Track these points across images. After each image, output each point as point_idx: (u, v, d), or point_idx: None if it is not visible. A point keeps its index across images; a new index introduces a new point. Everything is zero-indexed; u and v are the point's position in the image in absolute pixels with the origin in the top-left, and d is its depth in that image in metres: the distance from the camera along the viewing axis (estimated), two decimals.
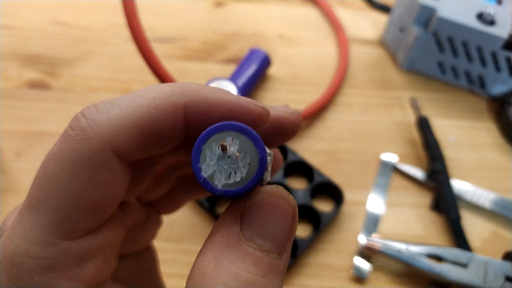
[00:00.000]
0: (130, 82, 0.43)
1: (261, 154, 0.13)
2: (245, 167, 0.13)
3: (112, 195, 0.14)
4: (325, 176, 0.36)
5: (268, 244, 0.13)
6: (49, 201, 0.13)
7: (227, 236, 0.13)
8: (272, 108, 0.17)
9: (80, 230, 0.13)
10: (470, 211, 0.36)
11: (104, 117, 0.13)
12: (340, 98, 0.43)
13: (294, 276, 0.32)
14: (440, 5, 0.41)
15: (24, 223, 0.13)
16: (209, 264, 0.13)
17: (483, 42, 0.41)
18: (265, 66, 0.43)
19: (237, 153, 0.13)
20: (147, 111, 0.13)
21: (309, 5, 0.52)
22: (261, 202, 0.13)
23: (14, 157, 0.37)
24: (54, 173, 0.13)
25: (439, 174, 0.36)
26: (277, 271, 0.13)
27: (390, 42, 0.47)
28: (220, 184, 0.13)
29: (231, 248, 0.13)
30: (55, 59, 0.44)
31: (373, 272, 0.33)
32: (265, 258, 0.13)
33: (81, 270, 0.13)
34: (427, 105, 0.43)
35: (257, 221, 0.13)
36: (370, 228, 0.35)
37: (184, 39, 0.47)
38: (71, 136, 0.13)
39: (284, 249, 0.13)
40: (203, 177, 0.13)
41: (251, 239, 0.13)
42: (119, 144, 0.13)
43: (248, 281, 0.12)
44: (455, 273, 0.30)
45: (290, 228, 0.13)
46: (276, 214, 0.13)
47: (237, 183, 0.13)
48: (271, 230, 0.13)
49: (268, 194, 0.13)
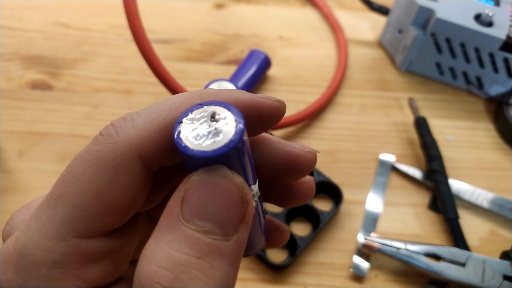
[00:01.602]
0: (132, 82, 0.43)
1: (232, 140, 0.13)
2: (212, 139, 0.13)
3: (131, 199, 0.14)
4: (324, 175, 0.36)
5: (208, 225, 0.12)
6: (68, 198, 0.13)
7: (167, 217, 0.13)
8: (289, 144, 0.17)
9: (94, 230, 0.14)
10: (468, 210, 0.36)
11: (130, 124, 0.14)
12: (339, 99, 0.44)
13: (293, 275, 0.32)
14: (438, 7, 0.42)
15: (41, 217, 0.13)
16: (149, 246, 0.13)
17: (481, 43, 0.41)
18: (265, 67, 0.43)
19: (217, 127, 0.13)
20: (169, 114, 0.14)
21: (309, 7, 0.52)
22: (200, 182, 0.13)
23: (16, 157, 0.37)
24: (78, 172, 0.14)
25: (437, 174, 0.36)
26: (220, 254, 0.12)
27: (388, 43, 0.48)
28: (183, 135, 0.13)
29: (170, 230, 0.12)
30: (57, 60, 0.45)
31: (371, 271, 0.33)
32: (204, 239, 0.12)
33: (87, 270, 0.14)
34: (425, 105, 0.43)
35: (196, 201, 0.13)
36: (369, 227, 0.35)
37: (185, 40, 0.47)
38: (99, 140, 0.14)
39: (231, 231, 0.13)
40: (180, 121, 0.13)
41: (190, 220, 0.12)
42: (143, 148, 0.14)
43: (181, 261, 0.12)
44: (453, 272, 0.31)
45: (239, 210, 0.13)
46: (217, 194, 0.13)
47: (193, 145, 0.13)
48: (212, 211, 0.13)
49: (208, 174, 0.13)
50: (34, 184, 0.36)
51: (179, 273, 0.12)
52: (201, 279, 0.12)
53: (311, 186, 0.19)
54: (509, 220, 0.36)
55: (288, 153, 0.16)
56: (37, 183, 0.36)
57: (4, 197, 0.35)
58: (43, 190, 0.35)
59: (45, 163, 0.37)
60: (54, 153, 0.38)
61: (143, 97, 0.42)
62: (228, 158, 0.13)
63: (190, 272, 0.12)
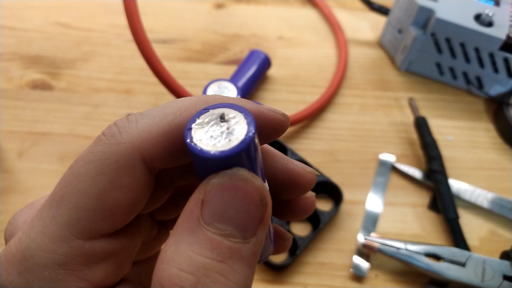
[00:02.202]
0: (132, 82, 0.43)
1: (246, 138, 0.13)
2: (225, 139, 0.13)
3: (133, 200, 0.14)
4: (324, 175, 0.36)
5: (229, 228, 0.13)
6: (71, 199, 0.13)
7: (187, 220, 0.13)
8: (292, 161, 0.17)
9: (96, 231, 0.14)
10: (468, 210, 0.36)
11: (133, 125, 0.14)
12: (339, 99, 0.44)
13: (293, 275, 0.32)
14: (438, 7, 0.42)
15: (44, 218, 0.14)
16: (169, 248, 0.13)
17: (481, 43, 0.41)
18: (265, 67, 0.43)
19: (229, 127, 0.13)
20: (174, 118, 0.14)
21: (309, 7, 0.52)
22: (221, 185, 0.13)
23: (16, 157, 0.37)
24: (80, 172, 0.14)
25: (437, 174, 0.36)
26: (240, 256, 0.13)
27: (388, 43, 0.48)
28: (196, 138, 0.13)
29: (190, 232, 0.13)
30: (57, 60, 0.45)
31: (371, 271, 0.33)
32: (225, 242, 0.12)
33: (90, 271, 0.14)
34: (425, 105, 0.43)
35: (217, 205, 0.13)
36: (369, 227, 0.35)
37: (185, 40, 0.47)
38: (102, 140, 0.14)
39: (251, 234, 0.13)
40: (190, 126, 0.13)
41: (210, 223, 0.13)
42: (146, 150, 0.14)
43: (203, 265, 0.12)
44: (453, 272, 0.31)
45: (258, 212, 0.13)
46: (238, 197, 0.13)
47: (208, 146, 0.13)
48: (233, 214, 0.13)
49: (229, 177, 0.13)
50: (34, 184, 0.36)
51: (202, 276, 0.12)
52: (223, 282, 0.12)
53: (311, 202, 0.19)
54: (509, 220, 0.36)
55: (289, 170, 0.17)
56: (37, 183, 0.36)
57: (4, 197, 0.35)
58: (43, 190, 0.35)
59: (45, 163, 0.37)
60: (54, 153, 0.38)
61: (143, 97, 0.42)
62: (247, 154, 0.13)
63: (212, 275, 0.12)
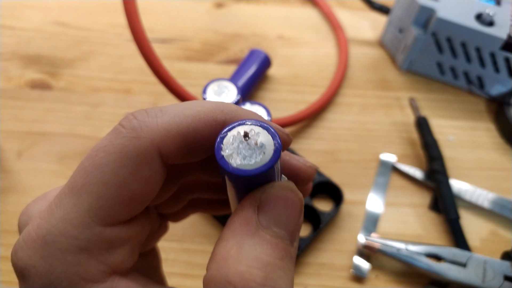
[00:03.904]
0: (131, 82, 0.43)
1: (276, 146, 0.14)
2: (260, 155, 0.14)
3: (149, 191, 0.15)
4: (324, 175, 0.36)
5: (282, 232, 0.14)
6: (92, 188, 0.14)
7: (246, 224, 0.14)
8: (293, 157, 0.18)
9: (115, 218, 0.15)
10: (469, 210, 0.36)
11: (154, 121, 0.15)
12: (339, 99, 0.43)
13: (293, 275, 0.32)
14: (439, 6, 0.41)
15: (64, 205, 0.14)
16: (232, 248, 0.14)
17: (482, 43, 0.41)
18: (265, 66, 0.43)
19: (256, 141, 0.14)
20: (193, 122, 0.15)
21: (309, 6, 0.52)
22: (276, 194, 0.15)
23: (15, 157, 0.37)
24: (101, 163, 0.14)
25: (438, 174, 0.36)
26: (291, 257, 0.14)
27: (389, 43, 0.47)
28: (235, 164, 0.14)
29: (250, 235, 0.14)
30: (56, 60, 0.44)
31: (372, 271, 0.33)
32: (281, 244, 0.14)
33: (110, 255, 0.14)
34: (426, 105, 0.43)
35: (272, 211, 0.14)
36: (370, 228, 0.35)
37: (185, 40, 0.47)
38: (122, 133, 0.15)
39: (294, 238, 0.15)
40: (221, 155, 0.14)
41: (268, 227, 0.14)
42: (164, 147, 0.15)
43: (269, 263, 0.14)
44: (454, 272, 0.30)
45: (299, 219, 0.15)
46: (289, 206, 0.15)
47: (250, 166, 0.14)
48: (284, 220, 0.15)
49: (282, 188, 0.15)
50: (33, 184, 0.36)
51: (269, 272, 0.13)
52: (284, 279, 0.14)
53: (308, 188, 0.20)
54: (510, 221, 0.36)
55: (292, 165, 0.18)
56: (37, 183, 0.36)
57: (3, 197, 0.35)
58: (42, 190, 0.35)
59: (44, 163, 0.37)
60: (53, 153, 0.37)
61: (142, 96, 0.42)
62: (277, 163, 0.14)
63: (277, 272, 0.14)
